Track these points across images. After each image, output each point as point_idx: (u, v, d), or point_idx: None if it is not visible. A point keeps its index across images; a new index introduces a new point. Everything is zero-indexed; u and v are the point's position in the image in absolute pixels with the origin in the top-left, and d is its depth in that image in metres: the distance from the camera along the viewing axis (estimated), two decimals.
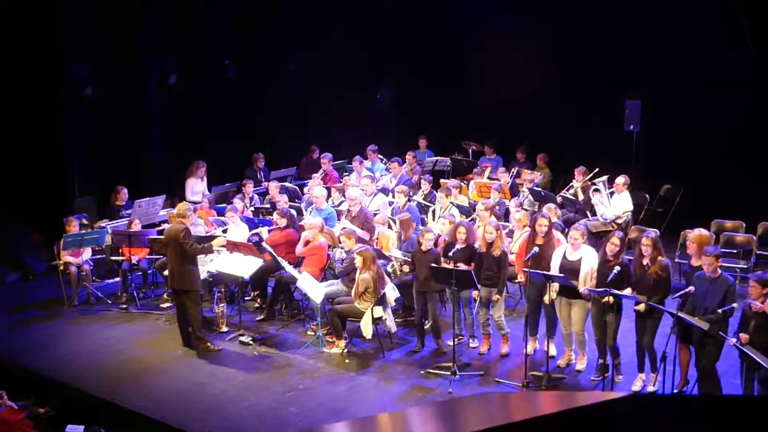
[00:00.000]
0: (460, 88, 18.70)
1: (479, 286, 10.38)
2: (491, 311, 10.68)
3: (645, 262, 9.43)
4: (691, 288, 9.10)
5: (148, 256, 13.10)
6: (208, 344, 11.08)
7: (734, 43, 14.74)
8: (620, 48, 16.29)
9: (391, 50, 18.90)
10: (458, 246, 10.54)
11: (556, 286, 9.96)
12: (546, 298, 10.11)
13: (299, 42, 18.87)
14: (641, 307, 9.30)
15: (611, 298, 9.32)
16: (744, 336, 8.58)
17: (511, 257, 10.93)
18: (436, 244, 10.97)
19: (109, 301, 12.92)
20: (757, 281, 8.63)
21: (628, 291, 9.44)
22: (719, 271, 9.01)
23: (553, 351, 10.53)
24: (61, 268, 12.88)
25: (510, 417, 4.03)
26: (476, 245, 10.71)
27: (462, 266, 10.37)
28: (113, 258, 13.47)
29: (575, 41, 16.70)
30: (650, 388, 9.60)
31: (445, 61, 18.74)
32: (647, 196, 15.18)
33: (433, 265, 10.40)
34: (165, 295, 12.89)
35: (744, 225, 13.43)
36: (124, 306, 12.72)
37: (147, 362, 10.91)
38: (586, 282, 9.75)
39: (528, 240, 10.54)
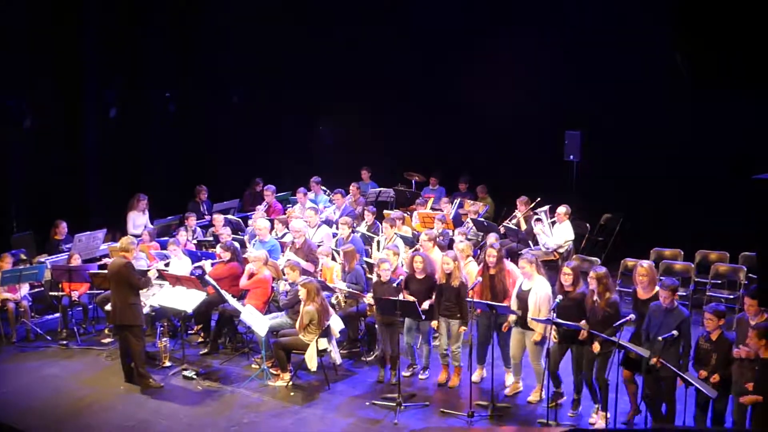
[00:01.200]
0: (403, 119, 18.85)
1: (439, 317, 10.49)
2: (449, 342, 10.73)
3: (594, 297, 9.52)
4: (632, 316, 9.24)
5: (88, 291, 12.96)
6: (151, 380, 10.95)
7: (671, 74, 15.11)
8: (560, 79, 16.58)
9: (332, 82, 19.01)
10: (418, 276, 10.62)
11: (513, 316, 10.08)
12: (504, 327, 10.23)
13: (241, 75, 18.94)
14: (583, 334, 9.40)
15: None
16: (702, 372, 8.72)
17: None
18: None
19: (49, 338, 12.72)
20: (713, 313, 8.76)
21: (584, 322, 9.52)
22: (675, 303, 9.10)
23: (510, 380, 10.64)
24: None
25: None
26: (436, 276, 10.80)
27: (410, 298, 10.44)
28: (53, 293, 13.26)
29: (516, 73, 16.94)
30: (600, 424, 9.60)
31: (387, 93, 18.88)
32: (588, 225, 15.42)
33: (378, 297, 10.46)
34: (106, 330, 12.74)
35: (682, 253, 13.70)
36: (65, 342, 12.52)
37: (89, 399, 10.73)
38: (536, 311, 9.86)
39: (482, 271, 10.64)
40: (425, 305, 10.47)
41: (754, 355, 8.38)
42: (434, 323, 10.63)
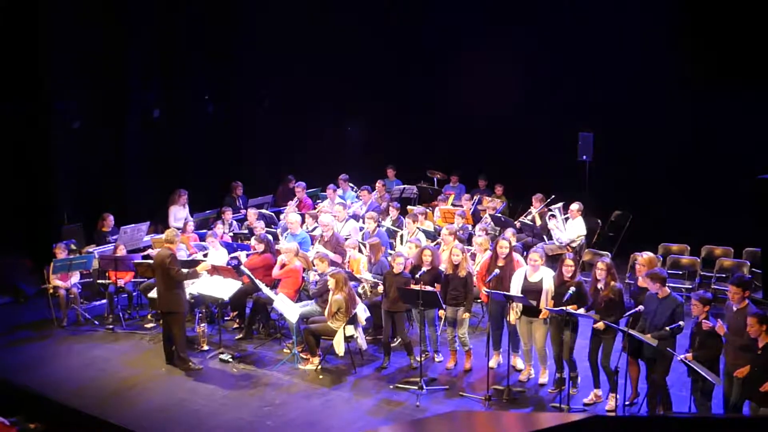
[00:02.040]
0: (427, 121, 18.87)
1: (445, 305, 10.50)
2: (457, 329, 10.76)
3: (599, 285, 9.51)
4: (641, 307, 9.21)
5: (133, 279, 13.05)
6: (190, 363, 11.04)
7: (681, 77, 15.02)
8: (574, 83, 16.51)
9: (360, 85, 19.02)
10: (424, 268, 10.65)
11: (520, 305, 10.06)
12: (511, 318, 10.22)
13: (274, 77, 18.98)
14: (599, 325, 9.37)
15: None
16: (689, 355, 8.69)
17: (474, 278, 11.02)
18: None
19: (96, 322, 12.84)
20: (699, 300, 8.75)
21: (582, 310, 9.54)
22: (668, 290, 9.12)
23: (520, 365, 10.65)
24: (51, 291, 12.84)
25: None
26: (441, 267, 10.80)
27: (428, 287, 10.45)
28: (100, 281, 13.39)
29: (533, 78, 16.89)
30: (610, 406, 9.60)
31: (413, 95, 18.90)
32: (599, 221, 15.34)
33: (400, 287, 10.48)
34: (149, 316, 12.87)
35: (689, 248, 13.63)
36: (111, 326, 12.65)
37: (132, 379, 10.85)
38: (547, 301, 9.86)
39: (489, 261, 10.65)
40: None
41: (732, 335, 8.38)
42: (441, 312, 10.68)
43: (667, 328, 8.84)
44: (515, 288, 10.08)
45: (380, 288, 11.02)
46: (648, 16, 15.38)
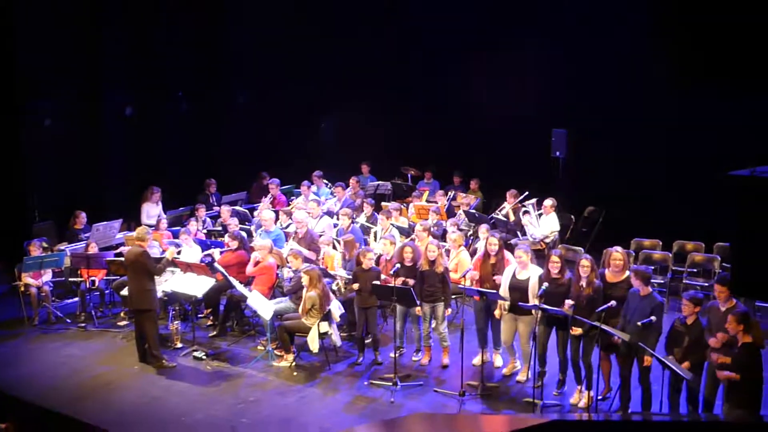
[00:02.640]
0: (401, 117, 18.86)
1: (419, 301, 10.50)
2: (433, 324, 10.76)
3: (582, 283, 9.52)
4: (613, 303, 9.25)
5: (105, 277, 12.96)
6: (163, 361, 10.99)
7: (654, 76, 15.11)
8: (548, 80, 16.56)
9: (334, 82, 19.01)
10: (406, 264, 10.63)
11: (506, 303, 10.06)
12: (496, 313, 10.23)
13: (248, 75, 18.94)
14: (578, 331, 9.40)
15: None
16: (677, 353, 8.73)
17: (452, 275, 11.02)
18: (377, 263, 11.07)
19: (69, 320, 12.73)
20: (689, 300, 8.77)
21: (568, 303, 9.53)
22: (650, 289, 9.16)
23: (498, 362, 10.65)
24: (22, 289, 12.68)
25: None
26: (417, 264, 10.81)
27: (409, 281, 10.47)
28: (72, 279, 13.28)
29: (507, 74, 16.91)
30: (582, 403, 9.63)
31: (386, 92, 18.88)
32: (572, 216, 15.40)
33: (375, 282, 10.48)
34: (122, 314, 12.76)
35: (661, 243, 13.73)
36: (83, 325, 12.54)
37: (105, 378, 10.76)
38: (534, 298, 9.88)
39: (482, 259, 10.64)
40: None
41: (721, 342, 8.40)
42: (418, 309, 10.64)
43: (639, 323, 8.90)
44: (504, 285, 10.10)
45: (355, 285, 11.00)
46: (623, 13, 15.43)
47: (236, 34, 18.42)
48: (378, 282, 10.55)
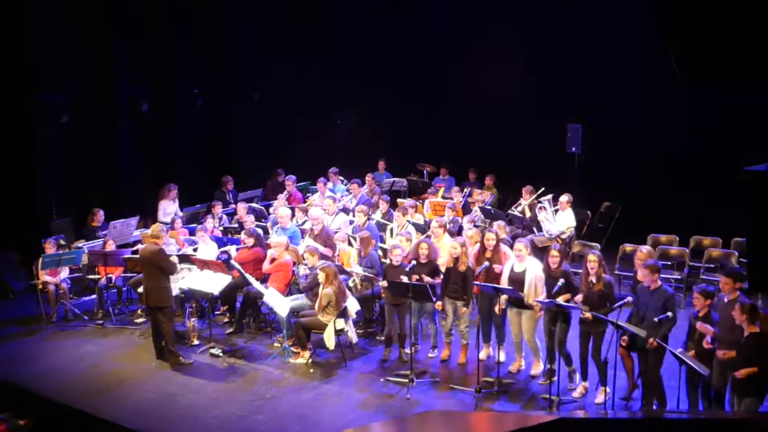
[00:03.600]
0: (418, 113, 18.85)
1: (440, 298, 10.49)
2: (456, 322, 10.76)
3: (591, 279, 9.51)
4: (629, 298, 9.23)
5: (122, 274, 13.01)
6: (180, 358, 11.01)
7: (667, 71, 14.98)
8: (563, 75, 16.50)
9: (350, 79, 19.00)
10: (422, 261, 10.62)
11: (505, 296, 10.06)
12: (496, 309, 10.22)
13: (263, 71, 18.96)
14: (588, 316, 9.39)
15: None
16: (692, 352, 8.69)
17: None
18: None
19: (86, 317, 12.80)
20: (700, 293, 8.73)
21: (576, 299, 9.52)
22: (659, 282, 9.13)
23: (502, 357, 10.60)
24: (40, 286, 12.76)
25: None
26: (438, 261, 10.78)
27: (427, 279, 10.44)
28: (89, 276, 13.31)
29: (523, 70, 16.86)
30: (599, 399, 9.61)
31: (402, 88, 18.87)
32: (589, 212, 15.36)
33: (388, 279, 10.48)
34: (139, 311, 12.82)
35: (677, 239, 13.64)
36: (100, 322, 12.61)
37: (122, 374, 10.81)
38: (531, 291, 9.86)
39: (478, 254, 10.66)
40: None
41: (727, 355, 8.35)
42: (438, 304, 10.61)
43: (656, 319, 8.86)
44: (504, 279, 10.09)
45: (383, 282, 10.95)
46: (640, 10, 15.33)
47: (250, 27, 18.40)
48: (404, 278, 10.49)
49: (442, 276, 10.68)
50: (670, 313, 8.87)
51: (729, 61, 6.22)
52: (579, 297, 9.50)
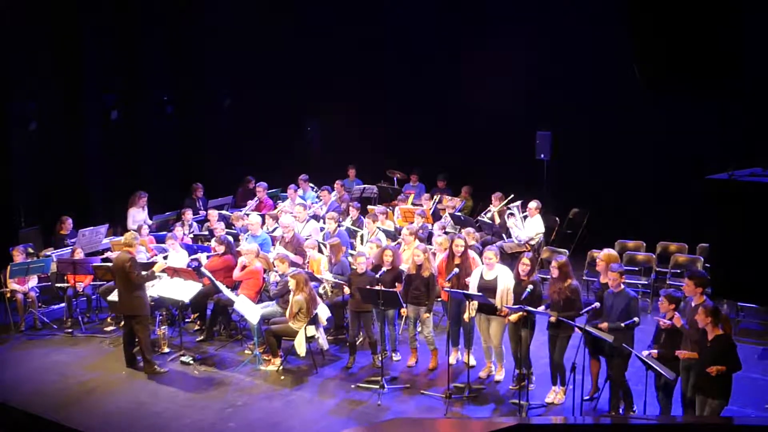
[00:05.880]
0: (386, 120, 18.93)
1: (406, 304, 10.58)
2: (419, 328, 10.86)
3: (556, 284, 9.67)
4: (597, 304, 9.38)
5: (92, 283, 12.96)
6: (156, 367, 11.00)
7: (635, 80, 15.17)
8: (532, 83, 16.67)
9: (320, 85, 19.06)
10: (385, 268, 10.72)
11: (475, 303, 10.16)
12: (465, 316, 10.31)
13: (234, 77, 18.98)
14: (552, 318, 9.54)
15: (554, 319, 9.55)
16: (654, 351, 8.85)
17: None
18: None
19: (55, 326, 12.74)
20: (666, 297, 8.89)
21: (541, 308, 9.69)
22: (622, 286, 9.30)
23: (472, 362, 10.70)
24: (8, 295, 12.69)
25: None
26: (402, 267, 10.88)
27: (390, 287, 10.53)
28: (58, 285, 13.25)
29: (491, 76, 16.98)
30: (557, 400, 9.80)
31: (372, 95, 18.94)
32: (557, 219, 15.50)
33: (359, 287, 10.54)
34: (108, 319, 12.78)
35: (644, 245, 13.82)
36: (70, 330, 12.54)
37: (92, 384, 10.78)
38: (503, 299, 9.98)
39: (447, 260, 10.76)
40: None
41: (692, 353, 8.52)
42: (403, 310, 10.70)
43: (622, 324, 9.02)
44: (473, 286, 10.20)
45: (347, 289, 11.05)
46: (611, 21, 15.51)
47: (222, 33, 18.41)
48: (370, 286, 10.56)
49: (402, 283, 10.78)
50: (636, 319, 9.05)
51: (689, 75, 6.33)
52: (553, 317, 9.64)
